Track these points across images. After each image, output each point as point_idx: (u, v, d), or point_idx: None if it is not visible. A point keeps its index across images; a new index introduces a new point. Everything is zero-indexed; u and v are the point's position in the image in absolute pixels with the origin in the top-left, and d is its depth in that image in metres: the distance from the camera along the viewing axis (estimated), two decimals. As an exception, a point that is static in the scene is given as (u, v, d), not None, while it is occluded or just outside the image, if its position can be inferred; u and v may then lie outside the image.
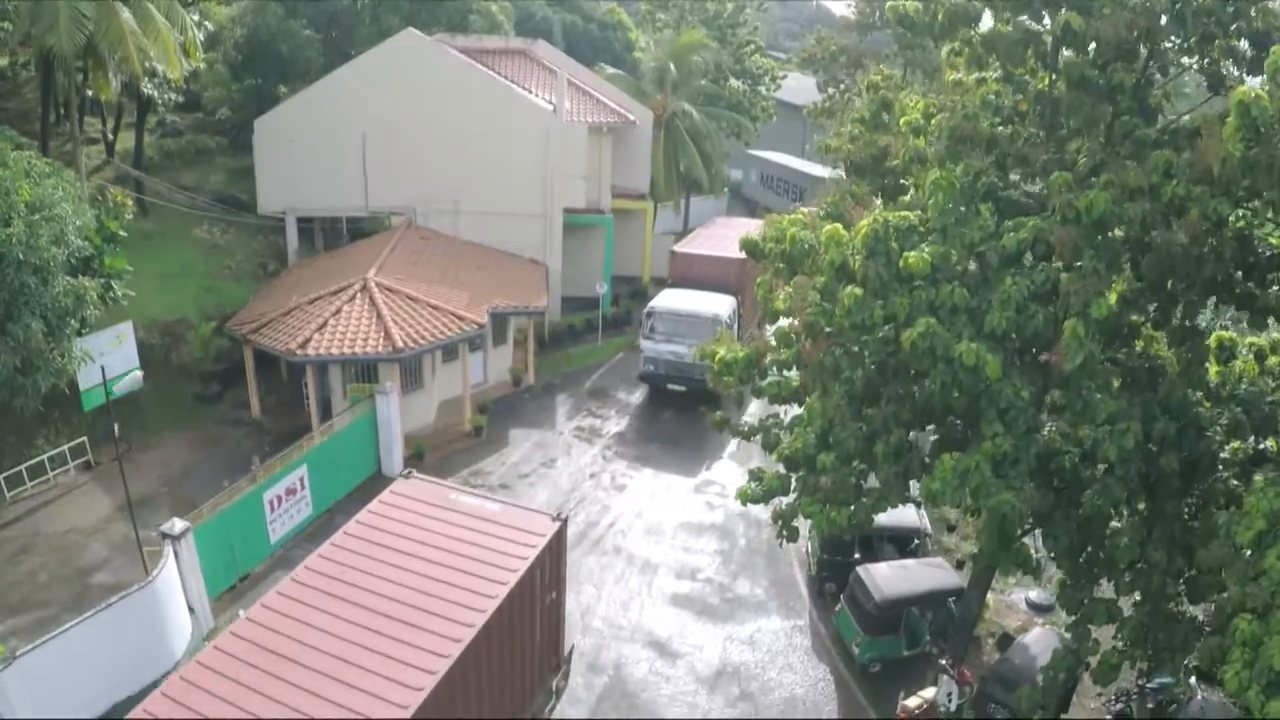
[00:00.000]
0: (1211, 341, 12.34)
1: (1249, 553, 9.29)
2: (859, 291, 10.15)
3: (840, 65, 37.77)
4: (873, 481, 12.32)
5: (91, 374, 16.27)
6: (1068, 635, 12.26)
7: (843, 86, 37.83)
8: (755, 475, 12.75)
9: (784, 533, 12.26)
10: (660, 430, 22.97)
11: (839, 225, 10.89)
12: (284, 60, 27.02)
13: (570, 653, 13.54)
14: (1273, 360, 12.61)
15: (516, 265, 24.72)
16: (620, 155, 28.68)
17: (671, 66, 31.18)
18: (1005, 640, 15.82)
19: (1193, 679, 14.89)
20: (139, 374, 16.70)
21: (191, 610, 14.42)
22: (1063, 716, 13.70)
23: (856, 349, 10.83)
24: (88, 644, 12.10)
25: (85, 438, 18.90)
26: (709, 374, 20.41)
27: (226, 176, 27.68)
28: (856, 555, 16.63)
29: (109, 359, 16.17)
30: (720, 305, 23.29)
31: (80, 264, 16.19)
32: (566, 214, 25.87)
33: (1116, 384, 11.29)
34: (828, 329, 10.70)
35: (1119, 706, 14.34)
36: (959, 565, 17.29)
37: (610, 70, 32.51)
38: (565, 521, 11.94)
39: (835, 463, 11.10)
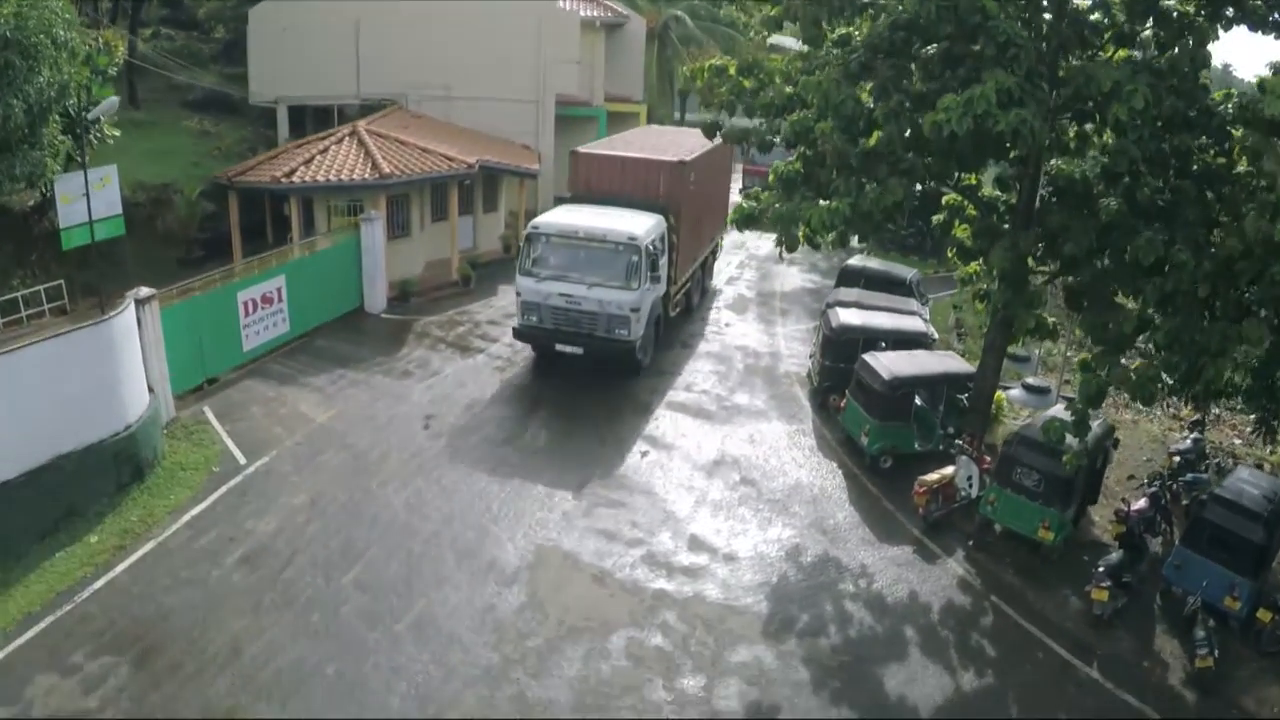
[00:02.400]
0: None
1: None
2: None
3: None
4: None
5: (72, 213, 15.74)
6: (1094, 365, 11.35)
7: None
8: (750, 195, 11.97)
9: (784, 240, 11.42)
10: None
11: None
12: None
13: None
14: None
15: (509, 144, 24.27)
16: (614, 63, 28.45)
17: (665, -23, 31.27)
18: None
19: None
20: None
21: (152, 391, 13.56)
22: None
23: None
24: (32, 373, 11.23)
25: (62, 282, 18.37)
26: (627, 326, 14.94)
27: (218, 79, 27.57)
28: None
29: (93, 202, 15.60)
30: (639, 225, 15.56)
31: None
32: (559, 105, 25.54)
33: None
34: None
35: (1153, 489, 13.25)
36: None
37: (604, -17, 32.61)
38: None
39: (835, 130, 10.38)
